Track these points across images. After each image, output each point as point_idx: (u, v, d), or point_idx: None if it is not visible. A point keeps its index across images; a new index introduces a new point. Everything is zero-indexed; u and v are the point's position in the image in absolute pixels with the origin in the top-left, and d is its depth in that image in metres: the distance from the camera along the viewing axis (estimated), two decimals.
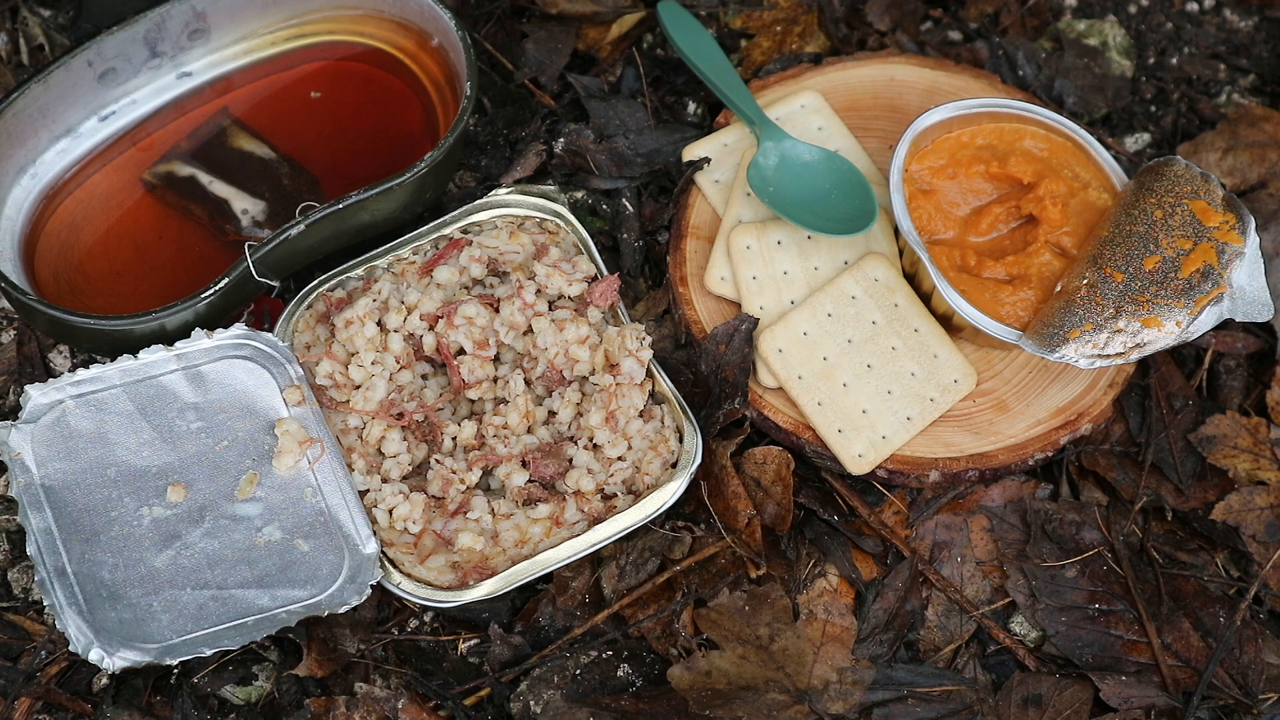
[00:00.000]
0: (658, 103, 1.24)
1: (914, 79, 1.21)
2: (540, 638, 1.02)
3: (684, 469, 1.01)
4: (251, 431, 1.01)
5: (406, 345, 1.04)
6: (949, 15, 1.31)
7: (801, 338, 1.07)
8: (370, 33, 1.19)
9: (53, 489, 0.97)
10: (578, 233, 1.10)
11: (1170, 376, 1.13)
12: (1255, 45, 1.31)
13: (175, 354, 1.02)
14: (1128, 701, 1.00)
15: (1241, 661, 1.02)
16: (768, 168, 1.12)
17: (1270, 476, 1.09)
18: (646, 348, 1.04)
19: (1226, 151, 1.22)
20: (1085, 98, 1.26)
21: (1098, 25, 1.30)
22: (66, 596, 0.94)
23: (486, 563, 0.99)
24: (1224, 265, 1.04)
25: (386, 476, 1.01)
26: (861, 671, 1.00)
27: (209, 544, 0.97)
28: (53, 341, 1.11)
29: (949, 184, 1.12)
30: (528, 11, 1.28)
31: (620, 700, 0.98)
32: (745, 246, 1.10)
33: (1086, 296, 1.03)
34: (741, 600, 1.01)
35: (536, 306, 1.05)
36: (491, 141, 1.21)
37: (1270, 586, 1.05)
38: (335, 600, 0.96)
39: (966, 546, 1.06)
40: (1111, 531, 1.06)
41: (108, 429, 1.00)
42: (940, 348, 1.08)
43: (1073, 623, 1.03)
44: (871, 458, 1.05)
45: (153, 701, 0.98)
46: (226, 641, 0.94)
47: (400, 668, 1.00)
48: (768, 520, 1.04)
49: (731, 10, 1.28)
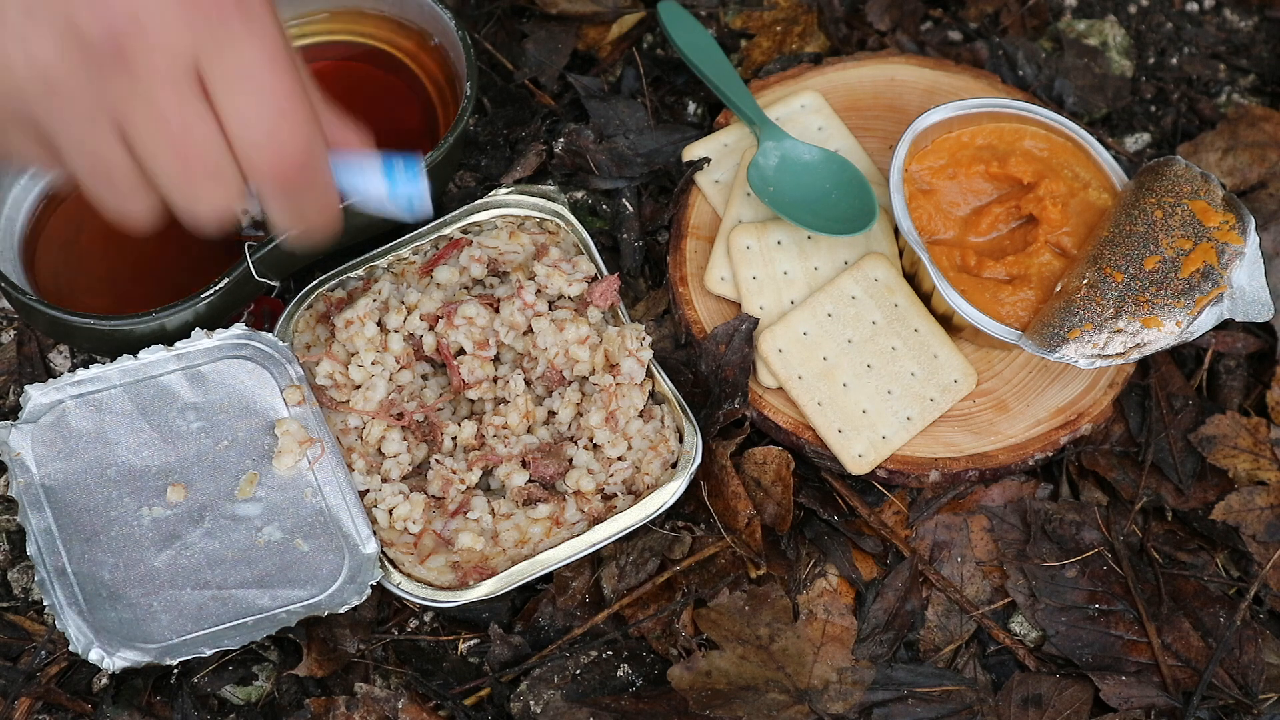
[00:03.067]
0: (658, 103, 1.24)
1: (914, 79, 1.21)
2: (540, 638, 1.02)
3: (684, 469, 1.01)
4: (251, 431, 1.01)
5: (406, 345, 1.04)
6: (949, 15, 1.31)
7: (801, 338, 1.07)
8: (370, 33, 1.19)
9: (53, 489, 0.97)
10: (578, 233, 1.10)
11: (1170, 376, 1.13)
12: (1255, 45, 1.31)
13: (175, 354, 1.02)
14: (1128, 701, 1.00)
15: (1241, 661, 1.02)
16: (768, 168, 1.12)
17: (1270, 476, 1.09)
18: (646, 348, 1.04)
19: (1226, 151, 1.22)
20: (1085, 98, 1.26)
21: (1098, 25, 1.31)
22: (66, 596, 0.94)
23: (486, 563, 0.99)
24: (1224, 265, 1.04)
25: (386, 476, 1.01)
26: (861, 671, 1.00)
27: (209, 544, 0.97)
28: (53, 341, 1.11)
29: (949, 184, 1.12)
30: (528, 11, 1.28)
31: (620, 700, 0.98)
32: (745, 246, 1.10)
33: (1086, 296, 1.03)
34: (741, 600, 1.01)
35: (536, 306, 1.05)
36: (491, 141, 1.21)
37: (1270, 586, 1.05)
38: (335, 600, 0.96)
39: (966, 546, 1.06)
40: (1111, 531, 1.06)
41: (108, 429, 1.00)
42: (940, 348, 1.08)
43: (1073, 623, 1.03)
44: (871, 458, 1.05)
45: (153, 701, 0.98)
46: (226, 641, 0.94)
47: (400, 668, 1.00)
48: (768, 520, 1.04)
49: (731, 10, 1.28)
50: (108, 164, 0.74)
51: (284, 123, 0.74)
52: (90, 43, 0.69)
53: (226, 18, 0.71)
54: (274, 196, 0.76)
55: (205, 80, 0.72)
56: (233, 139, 0.74)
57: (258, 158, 0.74)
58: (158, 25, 0.70)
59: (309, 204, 0.78)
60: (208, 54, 0.71)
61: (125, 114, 0.72)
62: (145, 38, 0.70)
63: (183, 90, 0.72)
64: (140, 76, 0.70)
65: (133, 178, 0.75)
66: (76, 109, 0.71)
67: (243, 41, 0.72)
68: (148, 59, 0.70)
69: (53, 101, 0.71)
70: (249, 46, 0.72)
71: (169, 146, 0.72)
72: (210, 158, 0.73)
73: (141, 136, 0.72)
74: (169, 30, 0.70)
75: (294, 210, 0.77)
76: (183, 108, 0.72)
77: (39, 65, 0.70)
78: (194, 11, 0.70)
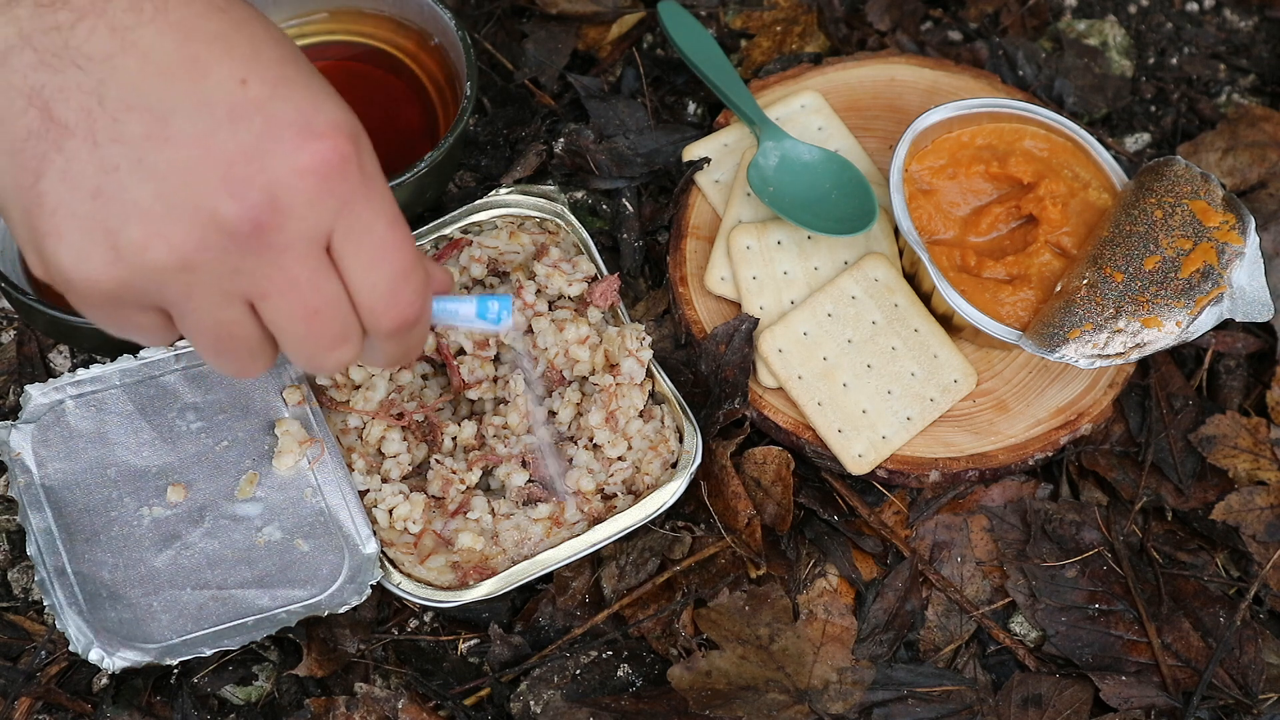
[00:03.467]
0: (658, 103, 1.24)
1: (914, 79, 1.21)
2: (540, 638, 1.02)
3: (684, 469, 1.01)
4: (251, 431, 1.01)
5: None
6: (949, 15, 1.31)
7: (801, 338, 1.07)
8: (370, 33, 1.19)
9: (53, 489, 0.97)
10: (578, 233, 1.10)
11: (1170, 376, 1.13)
12: (1255, 45, 1.31)
13: (175, 354, 1.02)
14: (1128, 701, 1.00)
15: (1241, 661, 1.02)
16: (768, 168, 1.12)
17: (1270, 476, 1.09)
18: (646, 348, 1.04)
19: (1226, 151, 1.22)
20: (1085, 98, 1.26)
21: (1098, 25, 1.31)
22: (66, 596, 0.94)
23: (486, 563, 0.99)
24: (1224, 265, 1.04)
25: (386, 476, 1.01)
26: (861, 671, 1.00)
27: (209, 544, 0.97)
28: (53, 341, 1.11)
29: (949, 184, 1.12)
30: (528, 11, 1.28)
31: (620, 700, 0.98)
32: (745, 246, 1.10)
33: (1086, 296, 1.03)
34: (741, 600, 1.01)
35: (536, 306, 1.05)
36: (491, 141, 1.21)
37: (1270, 586, 1.05)
38: (335, 600, 0.96)
39: (966, 546, 1.06)
40: (1111, 531, 1.06)
41: (108, 429, 1.00)
42: (940, 348, 1.08)
43: (1073, 623, 1.03)
44: (871, 458, 1.05)
45: (153, 701, 0.98)
46: (226, 641, 0.94)
47: (400, 668, 1.00)
48: (768, 520, 1.04)
49: (731, 10, 1.28)
50: (235, 334, 0.75)
51: (405, 284, 0.76)
52: (231, 229, 0.70)
53: (354, 192, 0.73)
54: (387, 344, 0.79)
55: (334, 251, 0.74)
56: (359, 303, 0.75)
57: (383, 317, 0.76)
58: (296, 206, 0.71)
59: (413, 346, 0.80)
60: (338, 228, 0.73)
61: (259, 288, 0.73)
62: (284, 218, 0.71)
63: (315, 263, 0.73)
64: (278, 254, 0.72)
65: (259, 345, 0.76)
66: (211, 287, 0.72)
67: (367, 213, 0.74)
68: (285, 238, 0.71)
69: (188, 280, 0.71)
70: (373, 217, 0.74)
71: (301, 316, 0.74)
72: (339, 323, 0.75)
73: (276, 309, 0.74)
74: (305, 209, 0.71)
75: (400, 353, 0.80)
76: (316, 280, 0.73)
77: (180, 254, 0.70)
78: (327, 189, 0.71)
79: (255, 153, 0.70)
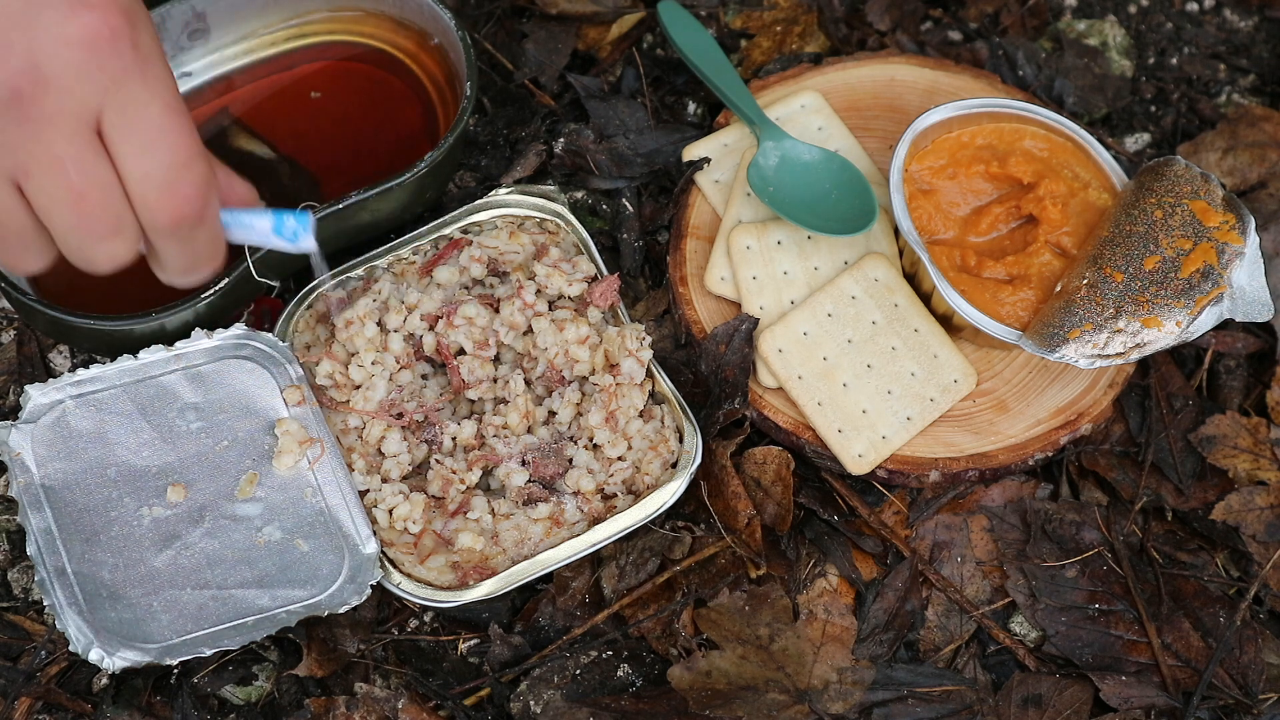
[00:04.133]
0: (658, 103, 1.24)
1: (914, 79, 1.21)
2: (540, 638, 1.02)
3: (684, 469, 1.01)
4: (251, 431, 1.01)
5: (406, 345, 1.04)
6: (949, 15, 1.31)
7: (801, 338, 1.07)
8: (370, 33, 1.19)
9: (53, 489, 0.97)
10: (578, 233, 1.10)
11: (1170, 376, 1.13)
12: (1255, 45, 1.31)
13: (175, 354, 1.02)
14: (1128, 701, 1.00)
15: (1241, 661, 1.02)
16: (768, 168, 1.12)
17: (1270, 476, 1.09)
18: (646, 348, 1.04)
19: (1226, 151, 1.22)
20: (1085, 98, 1.26)
21: (1098, 25, 1.31)
22: (66, 596, 0.94)
23: (486, 563, 0.99)
24: (1224, 265, 1.04)
25: (386, 476, 1.01)
26: (861, 671, 1.00)
27: (209, 544, 0.97)
28: (53, 341, 1.11)
29: (949, 184, 1.12)
30: (528, 11, 1.28)
31: (620, 700, 0.98)
32: (745, 246, 1.10)
33: (1086, 296, 1.03)
34: (741, 600, 1.01)
35: (536, 306, 1.05)
36: (491, 141, 1.21)
37: (1270, 586, 1.05)
38: (335, 600, 0.96)
39: (966, 546, 1.06)
40: (1111, 531, 1.06)
41: (108, 429, 1.00)
42: (940, 348, 1.08)
43: (1073, 623, 1.03)
44: (871, 458, 1.05)
45: (153, 701, 0.98)
46: (226, 641, 0.94)
47: (400, 668, 1.00)
48: (768, 520, 1.04)
49: (731, 10, 1.28)
50: (1, 220, 0.72)
51: (182, 175, 0.73)
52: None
53: (126, 70, 0.70)
54: (167, 244, 0.75)
55: (104, 132, 0.71)
56: (131, 191, 0.72)
57: (157, 209, 0.73)
58: (59, 76, 0.68)
59: (201, 251, 0.77)
60: (108, 107, 0.70)
61: (23, 165, 0.70)
62: (45, 89, 0.68)
63: (83, 142, 0.70)
64: (39, 128, 0.69)
65: (30, 234, 0.73)
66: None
67: (142, 94, 0.71)
68: (47, 110, 0.68)
69: None
70: (148, 99, 0.71)
71: (67, 199, 0.71)
72: (110, 210, 0.72)
73: (40, 189, 0.71)
74: (70, 82, 0.68)
75: (185, 257, 0.77)
76: (83, 160, 0.70)
77: None
78: (95, 64, 0.69)
79: (21, 17, 0.67)
